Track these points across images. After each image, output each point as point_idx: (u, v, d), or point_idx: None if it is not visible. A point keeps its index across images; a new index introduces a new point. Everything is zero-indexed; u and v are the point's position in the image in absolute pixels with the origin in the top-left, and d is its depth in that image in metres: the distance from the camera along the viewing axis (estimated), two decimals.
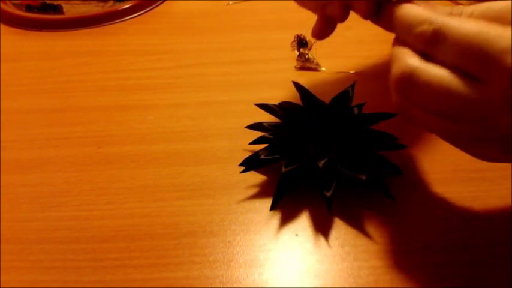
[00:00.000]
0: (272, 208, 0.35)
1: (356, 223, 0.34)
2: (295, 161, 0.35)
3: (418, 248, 0.33)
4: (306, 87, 0.39)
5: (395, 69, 0.28)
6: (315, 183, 0.35)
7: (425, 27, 0.27)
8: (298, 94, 0.40)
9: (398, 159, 0.38)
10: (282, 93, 0.41)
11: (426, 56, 0.28)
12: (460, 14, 0.29)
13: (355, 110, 0.39)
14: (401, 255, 0.32)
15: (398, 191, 0.36)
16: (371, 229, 0.34)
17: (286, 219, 0.35)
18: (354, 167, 0.34)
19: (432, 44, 0.27)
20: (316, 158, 0.35)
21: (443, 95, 0.26)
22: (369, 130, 0.38)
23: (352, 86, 0.39)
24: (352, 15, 0.35)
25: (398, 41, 0.30)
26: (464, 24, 0.26)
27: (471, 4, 0.29)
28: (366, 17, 0.34)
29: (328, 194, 0.34)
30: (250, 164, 0.37)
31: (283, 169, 0.35)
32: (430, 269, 0.31)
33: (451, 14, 0.29)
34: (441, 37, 0.26)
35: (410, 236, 0.33)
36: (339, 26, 0.37)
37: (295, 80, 0.40)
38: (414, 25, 0.28)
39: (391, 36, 0.31)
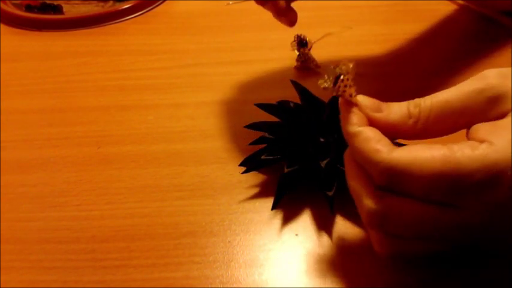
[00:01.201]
0: (273, 208, 0.35)
1: (357, 223, 0.34)
2: (297, 162, 0.35)
3: None
4: (306, 87, 0.39)
5: (362, 211, 0.27)
6: (316, 183, 0.35)
7: (378, 171, 0.26)
8: (297, 94, 0.40)
9: None
10: (282, 93, 0.41)
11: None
12: (418, 113, 0.28)
13: None
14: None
15: None
16: None
17: (286, 219, 0.35)
18: None
19: (389, 183, 0.26)
20: (317, 158, 0.35)
21: (423, 225, 0.26)
22: None
23: None
24: (352, 15, 0.35)
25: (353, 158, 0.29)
26: (422, 165, 0.25)
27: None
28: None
29: (330, 193, 0.34)
30: (250, 164, 0.37)
31: (286, 170, 0.35)
32: (431, 268, 0.31)
33: (409, 116, 0.28)
34: (400, 178, 0.25)
35: None
36: (339, 26, 0.37)
37: (295, 80, 0.40)
38: (365, 162, 0.27)
39: (391, 36, 0.31)
